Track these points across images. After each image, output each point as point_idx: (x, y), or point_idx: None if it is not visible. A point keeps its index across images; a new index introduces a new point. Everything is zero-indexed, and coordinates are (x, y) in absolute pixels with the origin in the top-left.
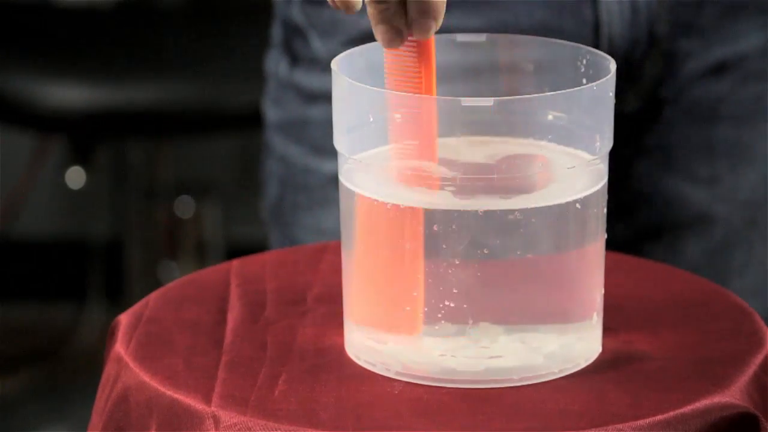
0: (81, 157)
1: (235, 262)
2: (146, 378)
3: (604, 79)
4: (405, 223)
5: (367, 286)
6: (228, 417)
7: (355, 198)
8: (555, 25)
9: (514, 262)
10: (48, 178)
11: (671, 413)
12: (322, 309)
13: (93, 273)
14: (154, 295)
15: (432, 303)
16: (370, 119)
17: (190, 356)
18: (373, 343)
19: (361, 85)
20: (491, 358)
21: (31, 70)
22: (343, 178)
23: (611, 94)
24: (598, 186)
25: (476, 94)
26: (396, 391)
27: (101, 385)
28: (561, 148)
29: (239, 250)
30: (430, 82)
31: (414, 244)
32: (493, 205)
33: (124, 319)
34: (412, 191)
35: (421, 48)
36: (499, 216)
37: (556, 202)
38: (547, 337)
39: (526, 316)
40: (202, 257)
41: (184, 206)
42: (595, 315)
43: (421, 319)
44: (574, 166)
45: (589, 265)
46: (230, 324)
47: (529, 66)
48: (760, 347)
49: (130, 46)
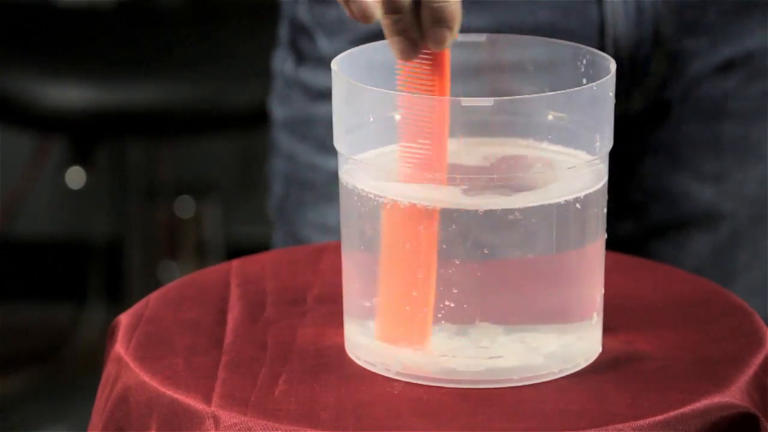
0: (81, 157)
1: (235, 262)
2: (146, 378)
3: (604, 79)
4: (405, 223)
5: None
6: (228, 417)
7: (355, 198)
8: (560, 25)
9: (514, 262)
10: (48, 178)
11: (671, 413)
12: (322, 309)
13: (93, 273)
14: (154, 295)
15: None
16: (370, 119)
17: (190, 356)
18: (373, 343)
19: (361, 85)
20: (491, 358)
21: (31, 70)
22: (343, 178)
23: (611, 94)
24: (598, 186)
25: (476, 94)
26: (396, 391)
27: (101, 385)
28: (561, 148)
29: (239, 250)
30: (444, 94)
31: (414, 244)
32: (493, 205)
33: (124, 320)
34: (413, 191)
35: (435, 60)
36: (500, 216)
37: (556, 201)
38: (547, 337)
39: (526, 316)
40: (202, 257)
41: (184, 206)
42: (595, 315)
43: (429, 330)
44: (574, 166)
45: (589, 265)
46: (230, 324)
47: (529, 66)
48: (760, 347)
49: (130, 46)
